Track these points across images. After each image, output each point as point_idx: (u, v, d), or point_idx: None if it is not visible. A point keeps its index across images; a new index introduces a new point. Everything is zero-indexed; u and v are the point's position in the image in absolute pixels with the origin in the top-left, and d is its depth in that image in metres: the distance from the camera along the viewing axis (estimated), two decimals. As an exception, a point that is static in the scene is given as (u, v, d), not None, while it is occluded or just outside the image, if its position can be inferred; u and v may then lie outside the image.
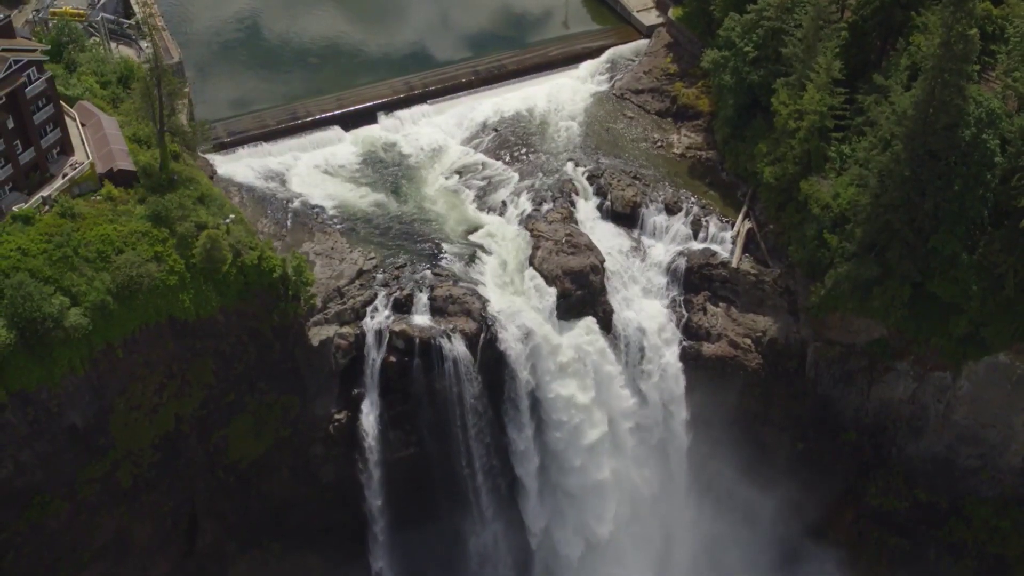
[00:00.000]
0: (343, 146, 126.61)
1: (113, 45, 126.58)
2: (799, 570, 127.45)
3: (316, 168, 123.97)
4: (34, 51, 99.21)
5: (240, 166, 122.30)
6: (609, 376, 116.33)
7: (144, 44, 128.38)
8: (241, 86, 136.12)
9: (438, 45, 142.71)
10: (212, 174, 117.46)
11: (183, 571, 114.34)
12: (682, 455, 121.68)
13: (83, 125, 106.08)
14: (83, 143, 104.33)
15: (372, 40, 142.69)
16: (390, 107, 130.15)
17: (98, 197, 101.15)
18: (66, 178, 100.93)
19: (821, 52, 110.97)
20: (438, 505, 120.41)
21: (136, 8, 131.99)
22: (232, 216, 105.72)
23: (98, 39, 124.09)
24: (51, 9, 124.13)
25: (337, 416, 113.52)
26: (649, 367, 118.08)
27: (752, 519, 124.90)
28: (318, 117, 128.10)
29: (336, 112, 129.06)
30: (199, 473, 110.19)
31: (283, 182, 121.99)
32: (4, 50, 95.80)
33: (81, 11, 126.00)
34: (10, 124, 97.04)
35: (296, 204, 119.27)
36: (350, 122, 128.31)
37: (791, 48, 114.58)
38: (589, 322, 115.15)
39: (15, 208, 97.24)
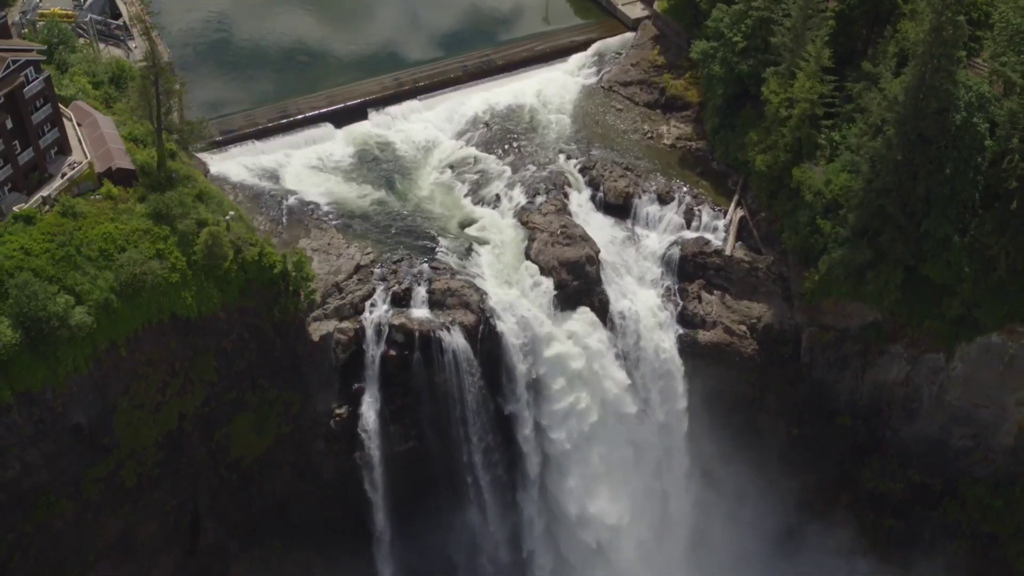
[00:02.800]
0: (335, 143, 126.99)
1: (101, 46, 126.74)
2: (796, 554, 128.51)
3: (309, 165, 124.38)
4: (31, 51, 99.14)
5: (233, 164, 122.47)
6: (606, 365, 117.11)
7: (132, 44, 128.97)
8: (229, 86, 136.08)
9: (425, 42, 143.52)
10: (205, 173, 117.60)
11: (186, 570, 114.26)
12: (680, 442, 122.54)
13: (79, 125, 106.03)
14: (80, 143, 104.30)
15: (360, 38, 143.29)
16: (380, 103, 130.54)
17: (98, 196, 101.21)
18: (65, 178, 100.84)
19: (810, 41, 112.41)
20: (439, 498, 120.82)
21: (123, 9, 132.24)
22: (232, 213, 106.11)
23: (87, 40, 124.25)
24: (39, 11, 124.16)
25: (338, 411, 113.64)
26: (646, 355, 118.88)
27: (749, 504, 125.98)
28: (309, 115, 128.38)
29: (327, 109, 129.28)
30: (202, 471, 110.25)
31: (277, 180, 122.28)
32: (2, 50, 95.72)
33: (70, 12, 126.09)
34: (9, 124, 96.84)
35: (291, 201, 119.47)
36: (341, 119, 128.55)
37: (780, 38, 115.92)
38: (586, 312, 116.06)
39: (15, 208, 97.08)
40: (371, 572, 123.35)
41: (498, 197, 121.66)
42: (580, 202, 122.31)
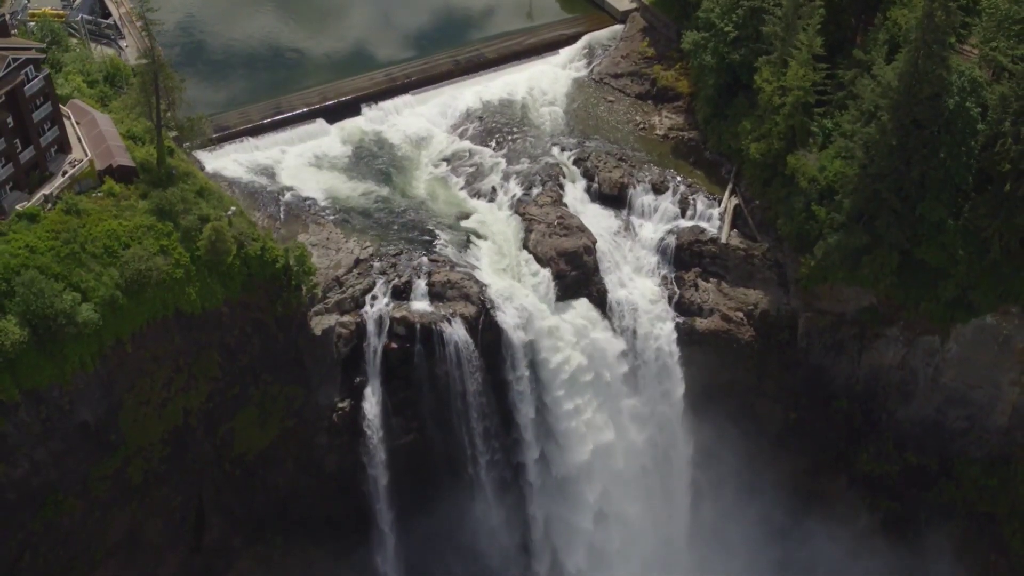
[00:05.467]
0: (329, 139, 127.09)
1: (93, 45, 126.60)
2: (792, 537, 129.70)
3: (304, 161, 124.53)
4: (30, 49, 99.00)
5: (228, 161, 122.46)
6: (605, 353, 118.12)
7: (123, 44, 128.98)
8: (218, 84, 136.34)
9: (413, 37, 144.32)
10: (201, 170, 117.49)
11: (190, 567, 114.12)
12: (679, 429, 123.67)
13: (78, 123, 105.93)
14: (80, 141, 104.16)
15: (348, 34, 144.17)
16: (373, 98, 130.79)
17: (100, 193, 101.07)
18: (66, 176, 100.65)
19: (802, 29, 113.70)
20: (440, 490, 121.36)
21: (113, 9, 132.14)
22: (234, 208, 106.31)
23: (79, 39, 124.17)
24: (30, 10, 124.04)
25: (340, 405, 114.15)
26: (644, 344, 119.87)
27: (747, 489, 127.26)
28: (302, 111, 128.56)
29: (319, 105, 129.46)
30: (206, 467, 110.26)
31: (272, 176, 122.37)
32: (2, 49, 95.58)
33: (60, 12, 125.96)
34: (10, 123, 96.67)
35: (287, 197, 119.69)
36: (334, 115, 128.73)
37: (771, 27, 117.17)
38: (584, 302, 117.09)
39: (18, 207, 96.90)
40: (370, 566, 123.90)
41: (494, 189, 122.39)
42: (575, 193, 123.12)
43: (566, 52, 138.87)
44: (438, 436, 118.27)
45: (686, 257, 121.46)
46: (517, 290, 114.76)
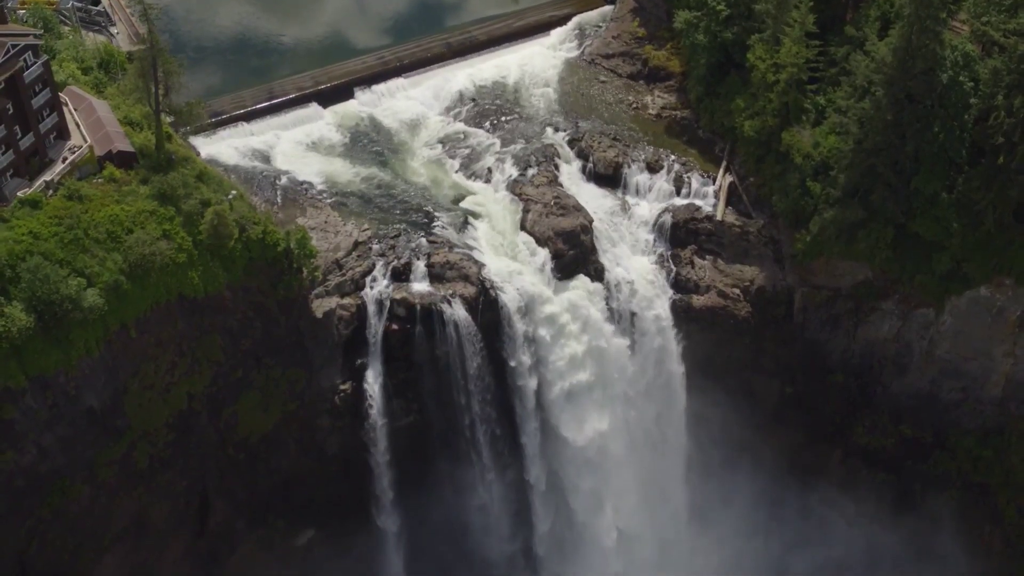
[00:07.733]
0: (323, 122, 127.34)
1: (84, 33, 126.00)
2: (790, 513, 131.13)
3: (299, 145, 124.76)
4: (28, 35, 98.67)
5: (223, 147, 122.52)
6: (604, 332, 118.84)
7: (114, 31, 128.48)
8: (210, 70, 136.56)
9: (404, 20, 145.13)
10: (197, 155, 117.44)
11: (195, 552, 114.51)
12: (678, 406, 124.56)
13: (75, 109, 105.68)
14: (78, 127, 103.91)
15: (339, 18, 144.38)
16: (366, 82, 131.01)
17: (100, 179, 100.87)
18: (66, 162, 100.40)
19: (794, 7, 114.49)
20: (441, 471, 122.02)
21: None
22: (234, 192, 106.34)
23: (71, 27, 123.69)
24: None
25: (342, 387, 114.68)
26: (642, 322, 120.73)
27: (745, 465, 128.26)
28: (295, 95, 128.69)
29: (312, 90, 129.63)
30: (210, 451, 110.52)
31: (268, 160, 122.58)
32: (1, 35, 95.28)
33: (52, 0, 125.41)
34: (9, 109, 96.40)
35: (284, 181, 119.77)
36: (328, 99, 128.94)
37: (763, 5, 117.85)
38: (582, 280, 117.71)
39: (20, 193, 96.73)
40: (371, 549, 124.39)
41: (490, 171, 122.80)
42: (570, 173, 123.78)
43: (557, 33, 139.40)
44: (438, 416, 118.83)
45: (682, 235, 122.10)
46: (516, 270, 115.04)
